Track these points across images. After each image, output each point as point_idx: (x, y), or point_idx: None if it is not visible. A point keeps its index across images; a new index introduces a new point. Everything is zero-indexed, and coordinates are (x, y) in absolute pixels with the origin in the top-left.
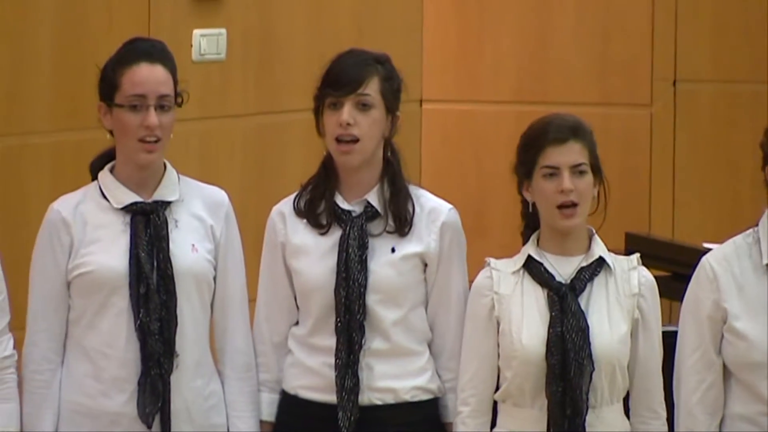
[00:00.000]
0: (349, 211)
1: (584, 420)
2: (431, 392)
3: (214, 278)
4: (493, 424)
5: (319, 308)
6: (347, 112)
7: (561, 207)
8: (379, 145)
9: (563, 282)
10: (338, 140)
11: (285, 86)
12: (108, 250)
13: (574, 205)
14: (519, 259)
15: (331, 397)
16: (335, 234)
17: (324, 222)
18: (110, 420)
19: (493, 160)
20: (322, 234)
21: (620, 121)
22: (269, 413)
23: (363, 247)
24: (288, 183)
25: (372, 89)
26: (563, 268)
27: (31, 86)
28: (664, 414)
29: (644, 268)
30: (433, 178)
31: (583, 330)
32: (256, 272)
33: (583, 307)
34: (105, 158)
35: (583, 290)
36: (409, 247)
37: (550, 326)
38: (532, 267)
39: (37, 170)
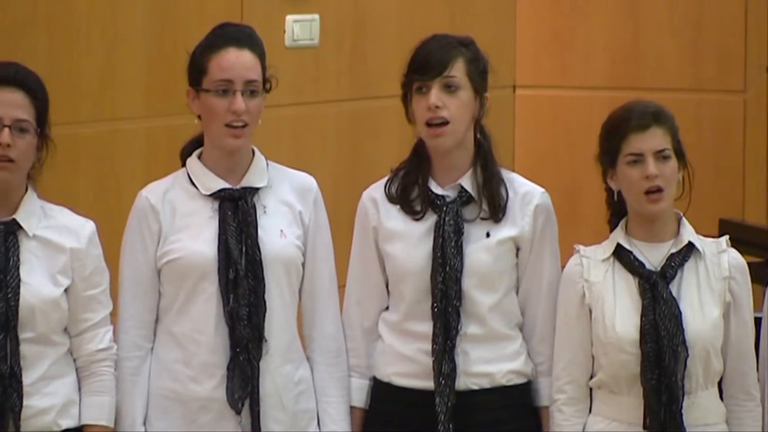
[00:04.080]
0: (443, 197)
1: (681, 406)
2: (525, 376)
3: (303, 264)
4: (589, 411)
5: (413, 293)
6: (435, 95)
7: (647, 193)
8: (470, 127)
9: (653, 270)
10: (428, 124)
11: (378, 72)
12: (196, 237)
13: (660, 190)
14: (608, 247)
15: (426, 384)
16: (430, 219)
17: (418, 208)
18: (200, 405)
19: (586, 146)
20: (417, 219)
21: (713, 108)
22: (359, 399)
23: (459, 232)
24: (381, 169)
25: (458, 71)
26: (653, 255)
27: (124, 72)
28: (758, 395)
29: (734, 251)
30: (527, 163)
31: (676, 317)
32: (348, 258)
33: (674, 293)
34: (195, 144)
35: (673, 277)
36: (503, 231)
37: (643, 314)
38: (622, 255)
39: (129, 156)
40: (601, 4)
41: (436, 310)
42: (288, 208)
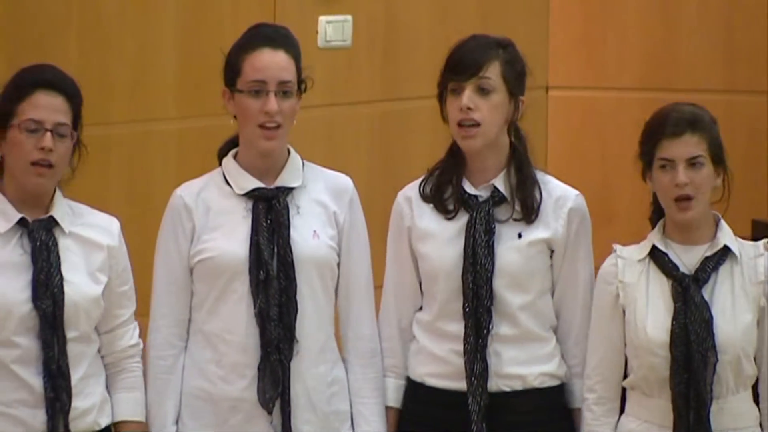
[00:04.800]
0: (476, 196)
1: (708, 411)
2: (558, 378)
3: (338, 264)
4: (622, 411)
5: (444, 293)
6: (467, 96)
7: (677, 200)
8: (503, 129)
9: (687, 273)
10: (460, 125)
11: (410, 73)
12: (229, 236)
13: (689, 198)
14: (644, 248)
15: (459, 384)
16: (462, 219)
17: (451, 207)
18: (230, 405)
19: (618, 147)
20: (449, 219)
21: (744, 109)
22: (395, 399)
23: (490, 232)
24: (414, 169)
25: (493, 73)
26: (688, 258)
27: (157, 73)
28: None
29: None
30: (559, 164)
31: (707, 321)
32: (383, 258)
33: (707, 297)
34: (231, 144)
35: (707, 281)
36: (536, 232)
37: (674, 318)
38: (657, 256)
39: (163, 157)
40: (633, 5)
41: (467, 309)
42: (322, 208)
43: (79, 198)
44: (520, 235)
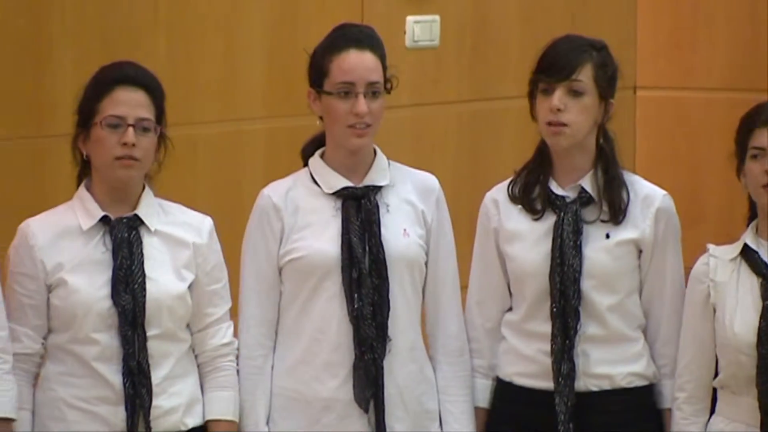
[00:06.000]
0: (563, 197)
1: None
2: (647, 378)
3: (426, 263)
4: (712, 410)
5: (533, 293)
6: (558, 97)
7: (765, 186)
8: (592, 131)
9: None
10: (549, 123)
11: (498, 73)
12: (319, 236)
13: None
14: (737, 246)
15: (547, 384)
16: (549, 219)
17: (538, 207)
18: (323, 405)
19: (706, 147)
20: (536, 219)
21: None
22: (483, 399)
23: (577, 232)
24: (501, 169)
25: (585, 76)
26: None
27: (245, 73)
28: None
29: None
30: (647, 164)
31: None
32: (469, 258)
33: None
34: (316, 144)
35: None
36: (624, 233)
37: (762, 316)
38: (748, 255)
39: (250, 157)
40: (721, 5)
41: (554, 310)
42: (410, 207)
43: (166, 197)
44: (608, 236)
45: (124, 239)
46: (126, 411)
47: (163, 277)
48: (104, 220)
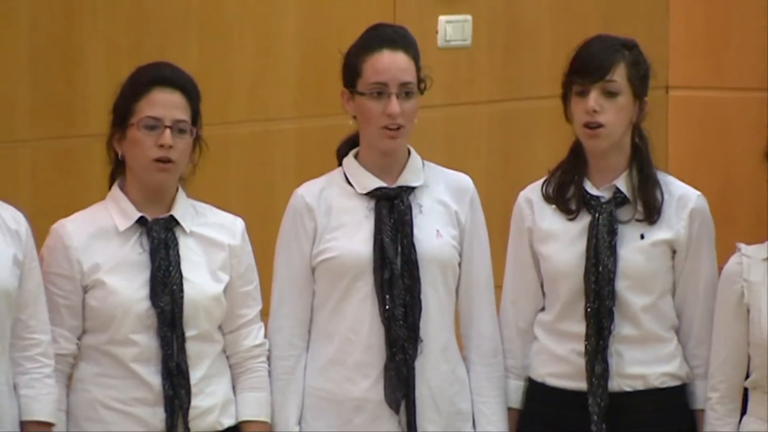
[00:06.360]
0: (598, 197)
1: None
2: (680, 378)
3: (459, 264)
4: (744, 411)
5: (567, 294)
6: (593, 99)
7: None
8: (627, 130)
9: None
10: (586, 125)
11: (530, 73)
12: (352, 236)
13: None
14: None
15: (580, 384)
16: (584, 220)
17: (573, 207)
18: (354, 406)
19: (740, 147)
20: (571, 219)
21: None
22: (516, 400)
23: (612, 233)
24: (533, 169)
25: (618, 75)
26: None
27: (277, 73)
28: None
29: None
30: (680, 164)
31: None
32: (502, 259)
33: None
34: (350, 143)
35: None
36: (658, 233)
37: None
38: None
39: (282, 157)
40: (754, 3)
41: (588, 310)
42: (444, 207)
43: (198, 198)
44: (642, 236)
45: (161, 240)
46: (165, 412)
47: (200, 279)
48: (140, 221)
